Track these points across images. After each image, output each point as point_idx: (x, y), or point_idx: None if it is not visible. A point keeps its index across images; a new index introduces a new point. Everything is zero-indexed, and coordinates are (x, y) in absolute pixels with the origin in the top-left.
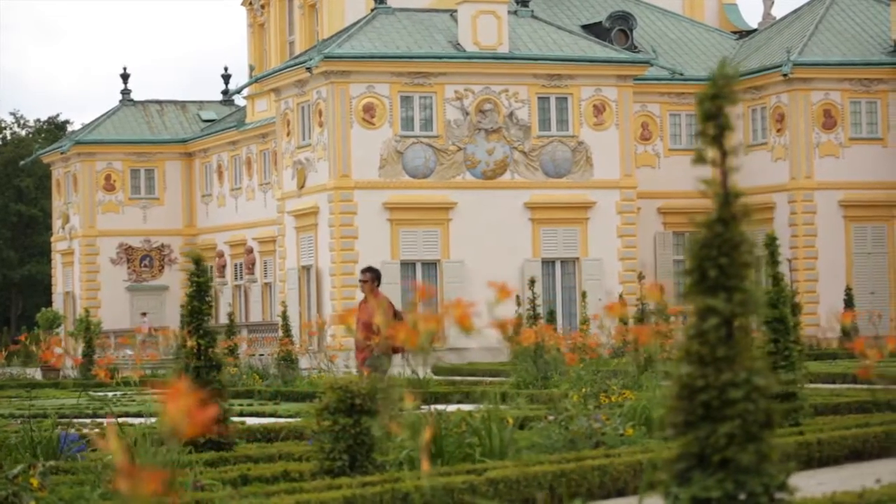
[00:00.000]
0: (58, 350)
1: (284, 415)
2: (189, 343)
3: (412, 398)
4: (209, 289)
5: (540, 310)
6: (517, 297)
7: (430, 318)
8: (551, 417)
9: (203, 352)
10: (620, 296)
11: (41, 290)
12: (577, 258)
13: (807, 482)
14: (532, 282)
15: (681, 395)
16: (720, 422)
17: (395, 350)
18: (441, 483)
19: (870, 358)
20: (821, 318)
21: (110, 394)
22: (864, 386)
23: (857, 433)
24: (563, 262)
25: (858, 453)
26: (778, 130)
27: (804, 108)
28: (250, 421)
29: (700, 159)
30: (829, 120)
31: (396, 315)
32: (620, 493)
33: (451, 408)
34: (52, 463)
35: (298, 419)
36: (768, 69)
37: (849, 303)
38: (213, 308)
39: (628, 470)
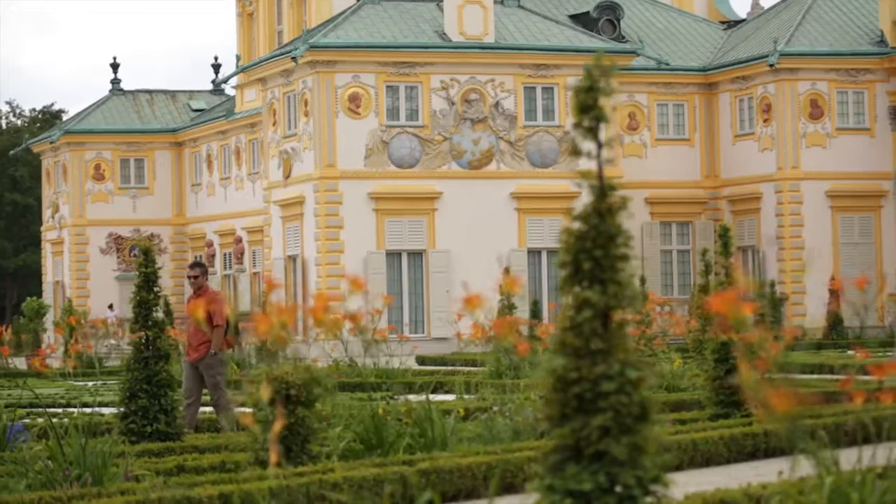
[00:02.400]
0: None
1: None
2: (137, 334)
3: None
4: (158, 279)
5: (517, 300)
6: (499, 286)
7: (284, 311)
8: (496, 408)
9: (151, 342)
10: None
11: (36, 279)
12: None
13: (744, 473)
14: (507, 271)
15: (555, 388)
16: (593, 414)
17: (229, 345)
18: (371, 475)
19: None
20: (807, 308)
21: (90, 383)
22: (838, 377)
23: (826, 423)
24: (550, 252)
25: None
26: (765, 121)
27: (791, 99)
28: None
29: (575, 151)
30: (816, 110)
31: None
32: None
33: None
34: None
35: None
36: (755, 59)
37: (834, 293)
38: (160, 298)
39: None
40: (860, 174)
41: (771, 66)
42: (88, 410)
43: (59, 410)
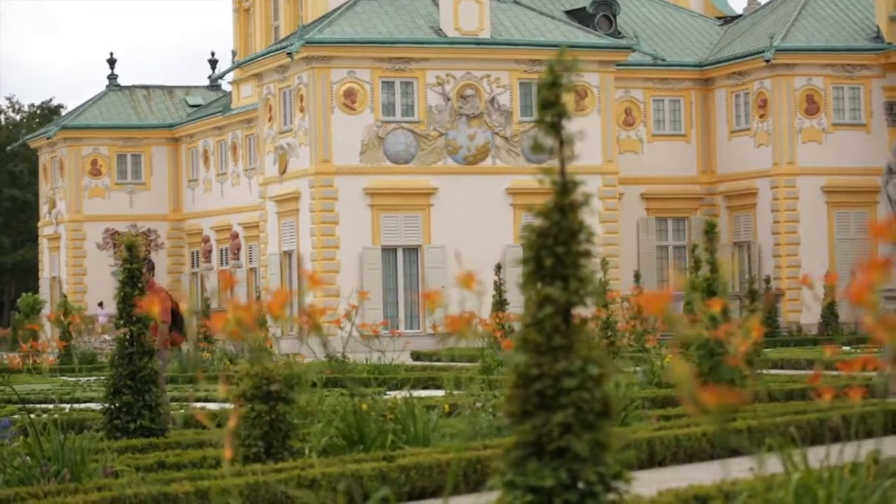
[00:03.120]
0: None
1: None
2: (121, 330)
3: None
4: (141, 275)
5: (508, 296)
6: (494, 283)
7: (241, 308)
8: (479, 404)
9: (136, 339)
10: (602, 282)
11: (34, 275)
12: None
13: (727, 468)
14: (499, 267)
15: (517, 384)
16: (555, 411)
17: (174, 343)
18: (350, 470)
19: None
20: (803, 303)
21: (83, 379)
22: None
23: (789, 420)
24: None
25: (791, 440)
26: (761, 116)
27: (787, 94)
28: (210, 406)
29: (537, 148)
30: (811, 106)
31: (176, 307)
32: None
33: (426, 393)
34: None
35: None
36: (751, 55)
37: (829, 289)
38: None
39: None
40: (856, 170)
41: (767, 61)
42: (80, 406)
43: (51, 406)
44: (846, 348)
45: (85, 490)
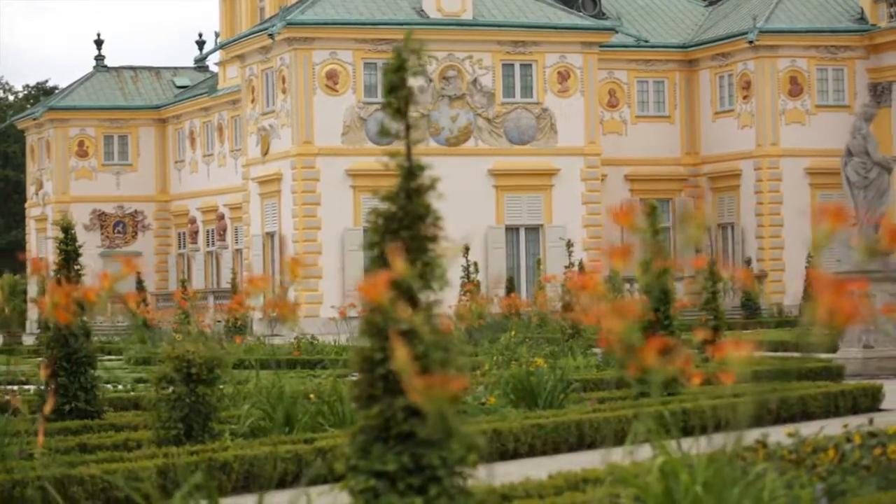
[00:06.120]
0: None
1: None
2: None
3: None
4: (78, 257)
5: (478, 277)
6: (475, 263)
7: (58, 292)
8: None
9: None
10: (581, 263)
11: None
12: (541, 225)
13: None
14: (466, 249)
15: (362, 369)
16: (398, 395)
17: None
18: (264, 452)
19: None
20: (786, 285)
21: None
22: (790, 354)
23: (726, 403)
24: (528, 229)
25: (726, 422)
26: (744, 97)
27: (770, 76)
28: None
29: (384, 132)
30: (795, 87)
31: None
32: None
33: None
34: None
35: None
36: (735, 36)
37: (811, 270)
38: (81, 277)
39: None
40: (839, 151)
41: (750, 42)
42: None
43: (16, 388)
44: None
45: None
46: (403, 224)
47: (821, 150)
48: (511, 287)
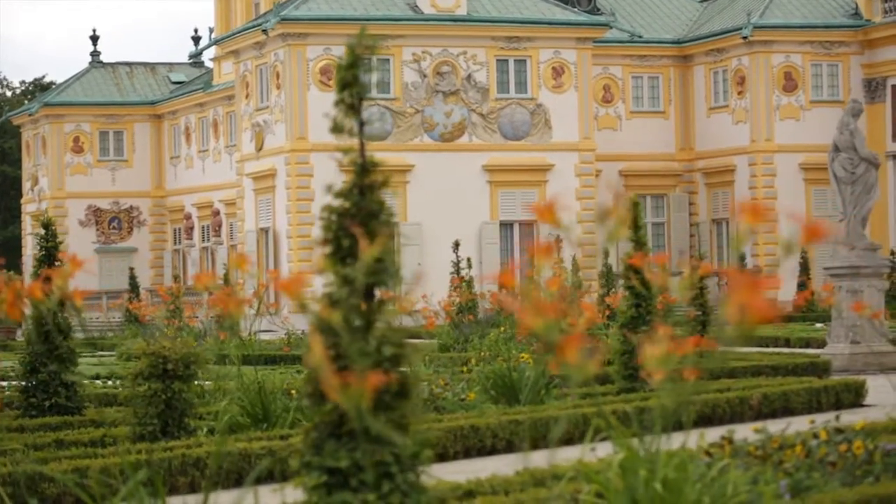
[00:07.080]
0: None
1: None
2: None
3: None
4: (58, 253)
5: (471, 272)
6: (468, 259)
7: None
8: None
9: (52, 317)
10: (574, 259)
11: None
12: (535, 221)
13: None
14: (456, 244)
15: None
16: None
17: None
18: (238, 448)
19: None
20: (780, 280)
21: None
22: (780, 350)
23: (707, 399)
24: (522, 224)
25: (708, 418)
26: (739, 93)
27: (765, 71)
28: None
29: (337, 129)
30: (789, 83)
31: None
32: (442, 457)
33: None
34: None
35: None
36: (729, 32)
37: (805, 266)
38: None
39: (447, 435)
40: None
41: (745, 38)
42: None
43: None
44: (819, 325)
45: None
46: (356, 220)
47: (815, 145)
48: None
